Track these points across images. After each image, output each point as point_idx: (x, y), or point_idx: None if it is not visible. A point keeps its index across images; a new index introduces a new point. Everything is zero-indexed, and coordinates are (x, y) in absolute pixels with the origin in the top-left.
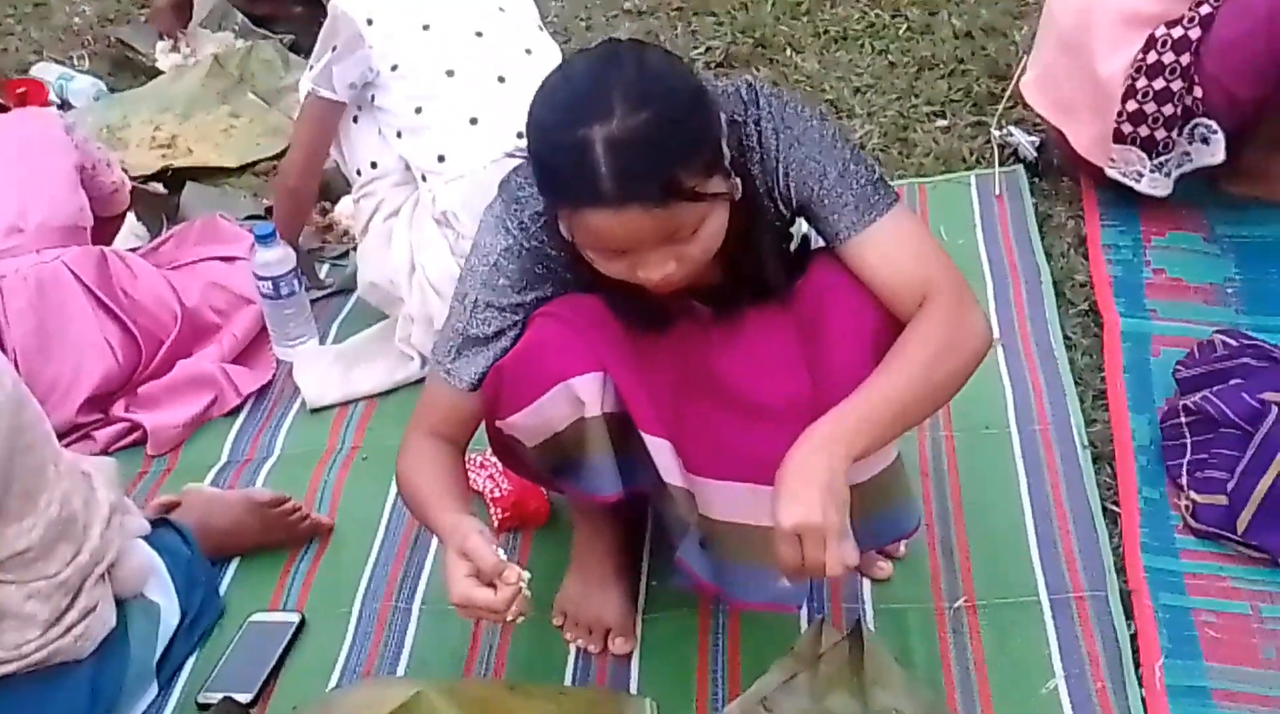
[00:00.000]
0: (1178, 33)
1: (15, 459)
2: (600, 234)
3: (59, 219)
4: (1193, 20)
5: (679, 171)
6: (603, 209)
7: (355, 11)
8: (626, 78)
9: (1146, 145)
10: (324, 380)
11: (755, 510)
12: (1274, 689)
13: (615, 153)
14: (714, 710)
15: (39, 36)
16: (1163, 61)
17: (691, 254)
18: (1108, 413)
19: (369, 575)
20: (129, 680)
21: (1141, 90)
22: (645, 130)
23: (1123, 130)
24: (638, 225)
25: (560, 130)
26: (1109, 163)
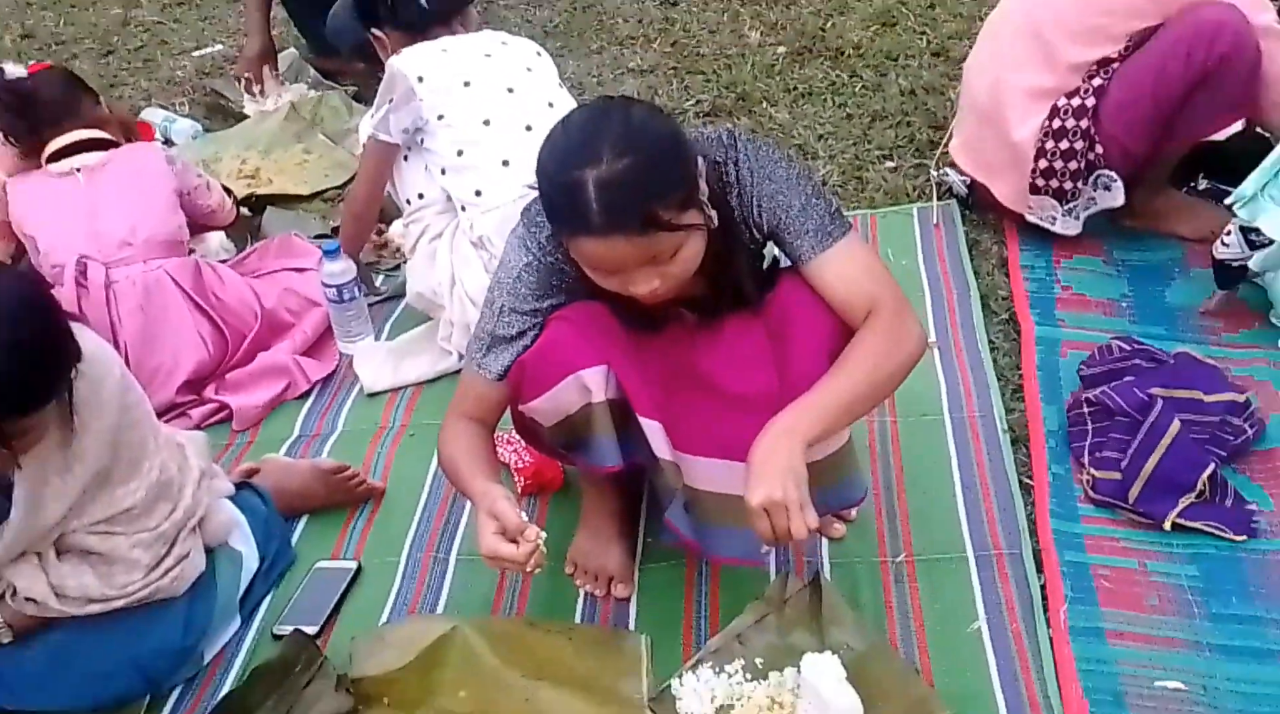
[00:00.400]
0: (1076, 102)
1: (123, 434)
2: (592, 257)
3: (161, 235)
4: (1088, 91)
5: (657, 207)
6: (593, 237)
7: (409, 70)
8: (614, 129)
9: (1058, 195)
10: (378, 370)
11: (730, 482)
12: (1157, 630)
13: (602, 191)
14: (698, 645)
15: (148, 86)
16: (1066, 127)
17: (673, 272)
18: (1023, 404)
19: (414, 531)
20: (216, 614)
21: (1050, 151)
22: (628, 173)
23: (1037, 184)
24: (622, 251)
25: (559, 172)
26: (1028, 210)
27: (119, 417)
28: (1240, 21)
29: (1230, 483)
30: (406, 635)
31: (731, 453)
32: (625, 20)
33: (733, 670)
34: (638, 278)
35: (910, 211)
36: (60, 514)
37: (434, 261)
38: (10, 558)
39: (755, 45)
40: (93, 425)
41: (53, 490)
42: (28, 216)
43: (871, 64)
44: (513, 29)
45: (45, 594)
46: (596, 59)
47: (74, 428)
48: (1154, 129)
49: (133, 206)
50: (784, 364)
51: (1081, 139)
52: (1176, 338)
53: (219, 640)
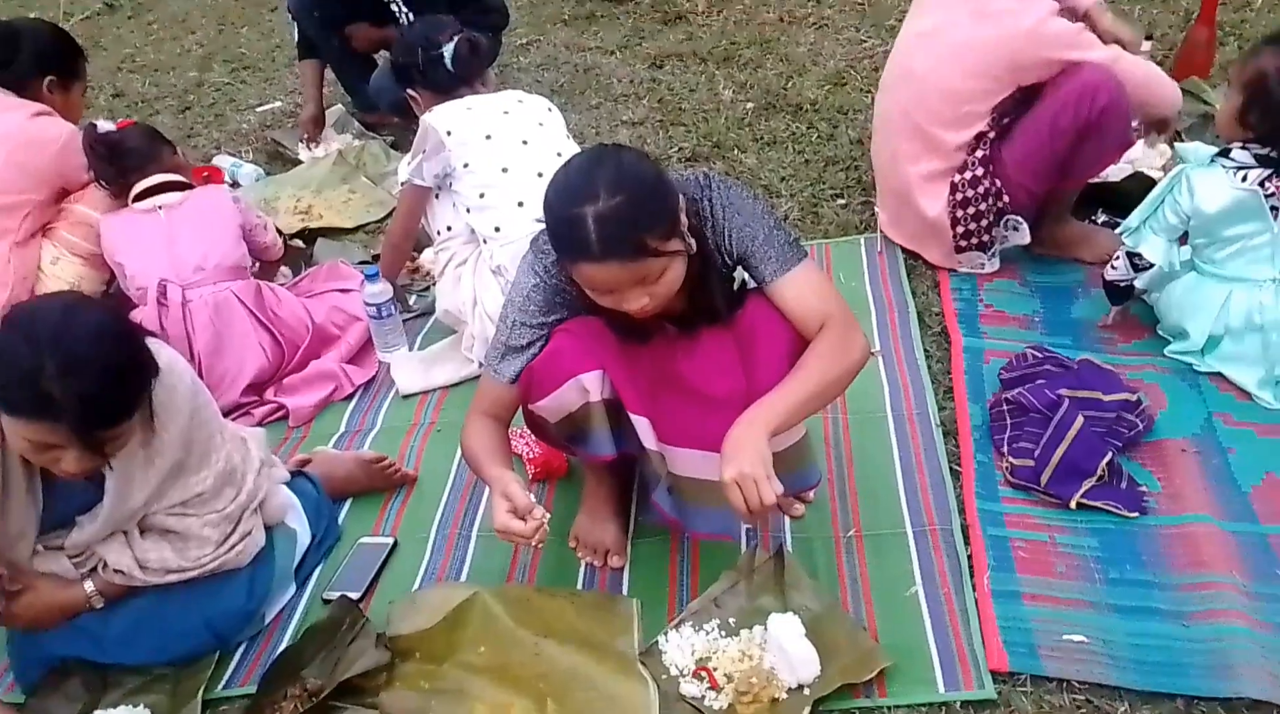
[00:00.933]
0: (969, 175)
1: (193, 432)
2: (591, 280)
3: (229, 262)
4: (976, 163)
5: (645, 237)
6: (592, 263)
7: (439, 125)
8: (608, 171)
9: (980, 247)
10: (411, 376)
11: (706, 469)
12: (1064, 593)
13: (600, 225)
14: (680, 607)
15: (218, 136)
16: (968, 196)
17: (659, 292)
18: (953, 403)
19: (441, 512)
20: (274, 582)
21: (963, 218)
22: (620, 209)
23: (960, 246)
24: (616, 274)
25: (562, 208)
26: (958, 266)
27: (190, 418)
28: (1112, 79)
29: (1125, 469)
30: (435, 600)
31: (707, 444)
32: (619, 81)
33: (710, 628)
34: (629, 296)
35: (858, 242)
36: (143, 500)
37: (459, 284)
38: (102, 537)
39: (728, 102)
40: (169, 426)
41: (137, 481)
42: (118, 247)
43: (825, 118)
44: (526, 88)
45: (131, 566)
46: (595, 113)
47: (154, 429)
48: (1052, 173)
49: (205, 238)
50: (750, 369)
51: (986, 200)
52: (1080, 347)
53: (277, 604)
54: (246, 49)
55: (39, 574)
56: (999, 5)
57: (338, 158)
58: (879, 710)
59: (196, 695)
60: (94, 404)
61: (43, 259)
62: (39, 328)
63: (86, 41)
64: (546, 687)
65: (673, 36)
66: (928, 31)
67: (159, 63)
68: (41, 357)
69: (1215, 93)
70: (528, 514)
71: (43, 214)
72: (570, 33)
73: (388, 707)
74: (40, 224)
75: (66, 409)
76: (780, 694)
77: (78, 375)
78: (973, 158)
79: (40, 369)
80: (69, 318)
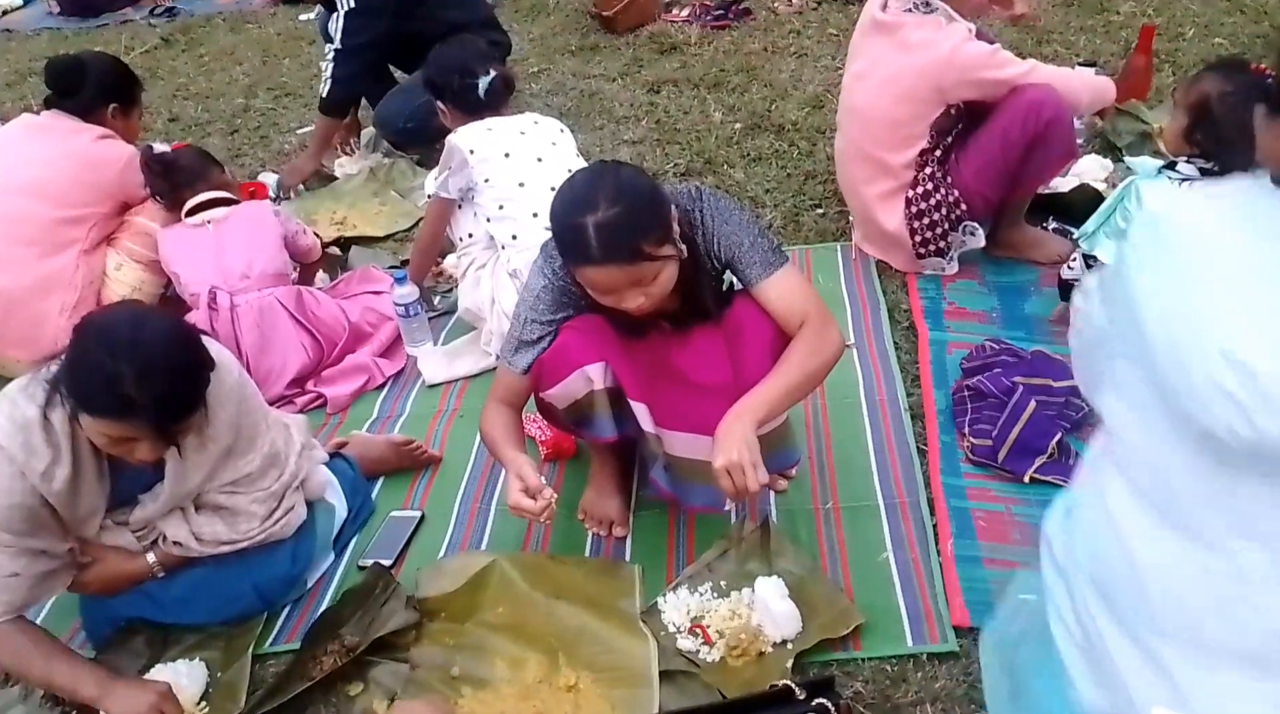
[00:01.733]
0: (920, 190)
1: (241, 418)
2: (593, 282)
3: (271, 269)
4: (925, 179)
5: (641, 243)
6: (593, 267)
7: (463, 144)
8: (607, 185)
9: (939, 253)
10: (436, 367)
11: (698, 450)
12: (1019, 558)
13: (599, 232)
14: (677, 571)
15: (263, 156)
16: (922, 208)
17: (654, 292)
18: (920, 389)
19: (464, 488)
20: (315, 551)
21: (920, 229)
22: (619, 218)
23: (920, 253)
24: (615, 277)
25: (566, 217)
26: (921, 269)
27: (238, 406)
28: (1054, 95)
29: (1073, 447)
30: (458, 566)
31: (698, 428)
32: (620, 104)
33: (703, 591)
34: (627, 297)
35: (835, 248)
36: (199, 481)
37: (479, 286)
38: (163, 514)
39: (718, 122)
40: (220, 414)
41: (192, 464)
42: (173, 258)
43: (805, 137)
44: (537, 112)
45: (187, 539)
46: (599, 133)
47: (207, 418)
48: (1005, 181)
49: (249, 249)
50: (737, 362)
51: (940, 210)
52: (1033, 340)
53: (318, 570)
54: (288, 78)
55: (106, 547)
56: (918, 37)
57: (369, 174)
58: (854, 662)
59: (247, 651)
60: (169, 403)
61: (108, 266)
62: (113, 338)
63: (145, 72)
64: (558, 642)
65: (668, 65)
66: (861, 72)
67: (210, 90)
68: (119, 364)
69: (1152, 113)
70: (538, 494)
71: (107, 226)
72: (576, 62)
73: (417, 660)
74: (105, 234)
75: (145, 409)
76: (766, 648)
77: (153, 378)
78: (922, 174)
79: (120, 375)
80: (138, 327)
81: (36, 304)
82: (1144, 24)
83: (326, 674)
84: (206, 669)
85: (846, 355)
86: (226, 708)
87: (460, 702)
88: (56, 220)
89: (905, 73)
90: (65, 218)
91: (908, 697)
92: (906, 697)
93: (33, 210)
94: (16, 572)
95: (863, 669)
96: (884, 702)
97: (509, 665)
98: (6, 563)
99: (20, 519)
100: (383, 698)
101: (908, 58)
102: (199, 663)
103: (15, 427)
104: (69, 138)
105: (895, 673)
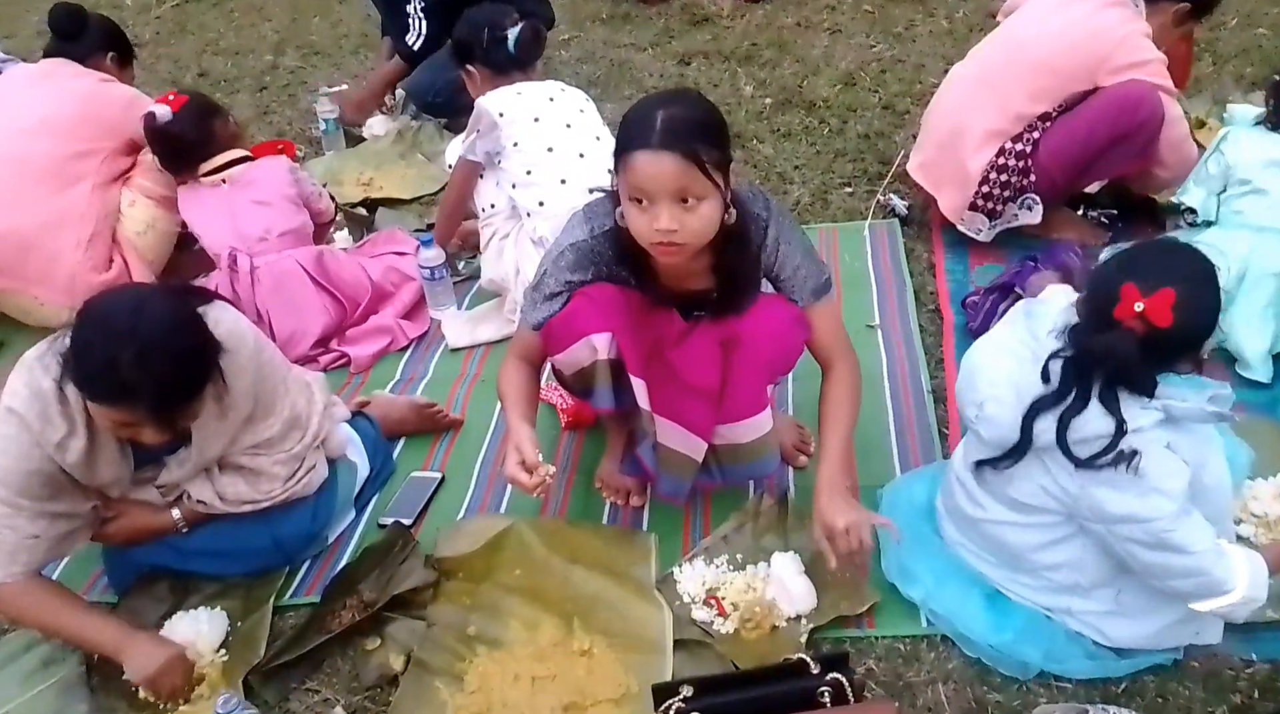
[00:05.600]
0: (1019, 147)
1: (259, 385)
2: (641, 173)
3: (290, 229)
4: (1029, 139)
5: (699, 147)
6: (648, 151)
7: (492, 107)
8: (690, 96)
9: (989, 213)
10: (459, 331)
11: (678, 442)
12: None
13: (667, 121)
14: (693, 543)
15: (290, 114)
16: (1007, 164)
17: (689, 224)
18: (944, 373)
19: (484, 452)
20: (337, 509)
21: (992, 181)
22: (689, 117)
23: (976, 204)
24: (665, 169)
25: (641, 107)
26: (960, 222)
27: (255, 374)
28: (1156, 97)
29: None
30: (477, 528)
31: (681, 420)
32: (650, 75)
33: (719, 563)
34: (664, 210)
35: (862, 227)
36: (222, 447)
37: (502, 256)
38: (189, 479)
39: (748, 97)
40: (238, 384)
41: (213, 431)
42: (191, 220)
43: (836, 114)
44: (566, 80)
45: (212, 498)
46: (627, 103)
47: (225, 390)
48: (1079, 169)
49: (266, 211)
50: (730, 372)
51: (1017, 174)
52: None
53: (339, 527)
54: (317, 36)
55: (130, 501)
56: (1109, 12)
57: (397, 136)
58: (867, 640)
59: (268, 602)
60: (167, 388)
61: (121, 203)
62: (114, 321)
63: (174, 25)
64: (573, 606)
65: (700, 37)
66: (1041, 14)
67: (239, 46)
68: (118, 348)
69: (1191, 102)
70: (534, 469)
71: (117, 161)
72: (607, 30)
73: (433, 618)
74: (117, 172)
75: (143, 395)
76: (780, 623)
77: (151, 364)
78: (1029, 134)
79: (118, 359)
80: (139, 311)
81: (51, 241)
82: None
83: (344, 628)
84: (227, 618)
85: (871, 335)
86: (246, 657)
87: (475, 660)
88: (65, 155)
89: (1082, 29)
90: (74, 153)
91: (920, 676)
92: (919, 676)
93: (41, 147)
94: (36, 534)
95: (876, 647)
96: (896, 680)
97: (524, 627)
98: (26, 525)
99: (39, 484)
100: (399, 654)
101: (1091, 20)
102: (220, 612)
103: (32, 395)
104: (72, 79)
105: (908, 652)
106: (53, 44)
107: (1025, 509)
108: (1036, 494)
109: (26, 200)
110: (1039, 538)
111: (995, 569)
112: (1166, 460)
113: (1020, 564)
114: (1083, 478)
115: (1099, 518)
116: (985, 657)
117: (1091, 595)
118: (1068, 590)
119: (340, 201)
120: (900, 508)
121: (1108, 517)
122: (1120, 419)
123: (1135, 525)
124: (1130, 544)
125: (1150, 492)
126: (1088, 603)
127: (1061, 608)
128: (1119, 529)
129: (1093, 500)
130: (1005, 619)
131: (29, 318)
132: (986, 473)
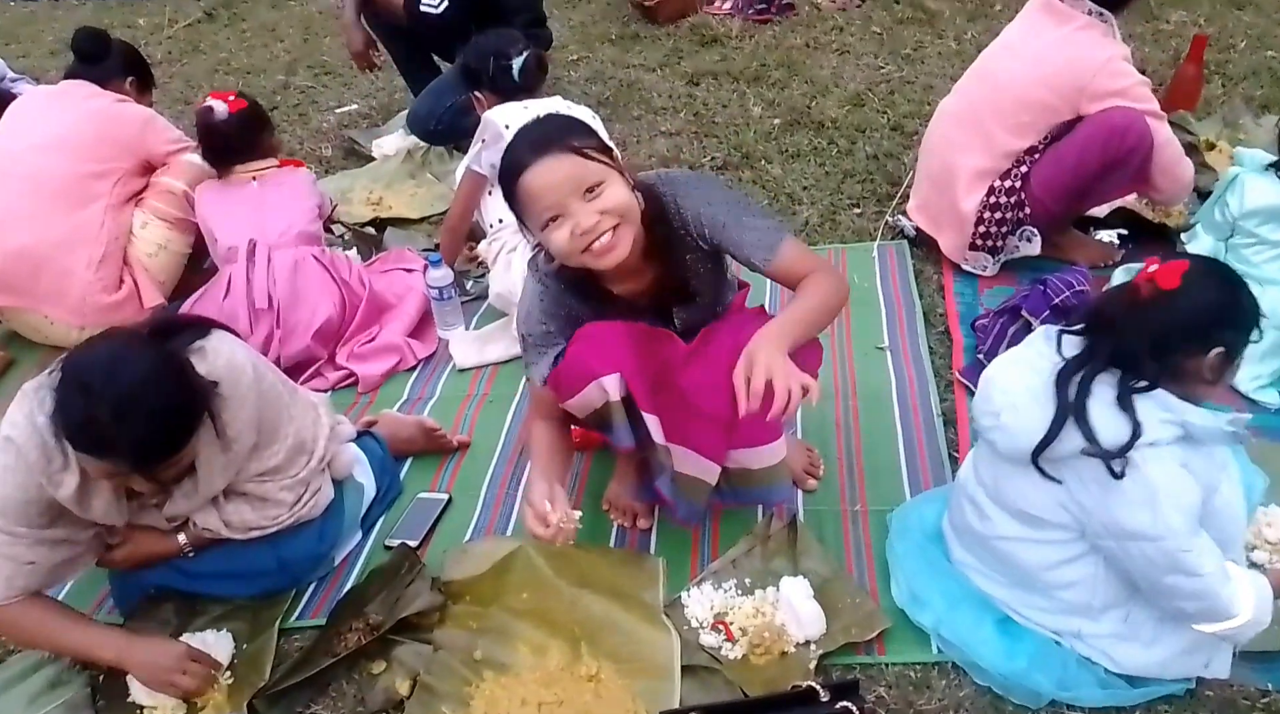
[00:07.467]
0: (1008, 184)
1: (262, 414)
2: (534, 191)
3: (305, 229)
4: (1017, 175)
5: (572, 139)
6: (530, 170)
7: (499, 119)
8: (547, 117)
9: (991, 251)
10: (467, 351)
11: (694, 467)
12: None
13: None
14: (702, 567)
15: (301, 134)
16: (1000, 202)
17: (607, 207)
18: (953, 396)
19: (491, 473)
20: (343, 530)
21: (987, 220)
22: (551, 125)
23: (975, 243)
24: (555, 173)
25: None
26: (964, 262)
27: (256, 403)
28: (1142, 122)
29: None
30: (484, 551)
31: (696, 446)
32: (658, 95)
33: (728, 587)
34: (578, 212)
35: (871, 248)
36: (228, 478)
37: (509, 270)
38: (195, 511)
39: (757, 117)
40: (239, 416)
41: (218, 465)
42: (212, 215)
43: (845, 135)
44: (575, 99)
45: (218, 526)
46: (636, 123)
47: (223, 429)
48: (1072, 197)
49: (287, 211)
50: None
51: (1012, 209)
52: None
53: (345, 549)
54: (328, 56)
55: (136, 527)
56: (1084, 36)
57: (406, 156)
58: (877, 667)
59: (273, 625)
60: (145, 444)
61: (134, 224)
62: (90, 378)
63: (187, 45)
64: (581, 630)
65: (709, 57)
66: (1013, 43)
67: (251, 66)
68: (95, 404)
69: (1200, 125)
70: (543, 518)
71: (131, 182)
72: (616, 51)
73: (440, 642)
74: (130, 192)
75: (122, 451)
76: (789, 648)
77: (129, 420)
78: (1016, 169)
79: (95, 417)
80: (116, 367)
81: (63, 259)
82: (1196, 33)
83: (350, 651)
84: (233, 640)
85: (880, 357)
86: (251, 679)
87: (481, 685)
88: (80, 174)
89: (1057, 59)
90: (89, 172)
91: (931, 704)
92: (930, 704)
93: (56, 165)
94: (33, 560)
95: (886, 674)
96: (907, 708)
97: (531, 651)
98: (24, 552)
99: (37, 513)
100: (405, 677)
101: (1066, 48)
102: (226, 633)
103: (32, 427)
104: (89, 99)
105: (919, 679)
106: (74, 66)
107: (1036, 523)
108: (1050, 507)
109: (40, 219)
110: (1051, 556)
111: (1005, 589)
112: (1179, 478)
113: (1031, 583)
114: (1097, 493)
115: (1111, 533)
116: (996, 685)
117: (1101, 618)
118: (1079, 612)
119: (349, 221)
120: (910, 532)
121: (1120, 533)
122: (1136, 422)
123: (1147, 544)
124: (1142, 563)
125: (1161, 509)
126: (1098, 625)
127: (1071, 631)
128: (1130, 546)
129: (1106, 515)
130: (1017, 645)
131: (40, 336)
132: (1002, 480)
